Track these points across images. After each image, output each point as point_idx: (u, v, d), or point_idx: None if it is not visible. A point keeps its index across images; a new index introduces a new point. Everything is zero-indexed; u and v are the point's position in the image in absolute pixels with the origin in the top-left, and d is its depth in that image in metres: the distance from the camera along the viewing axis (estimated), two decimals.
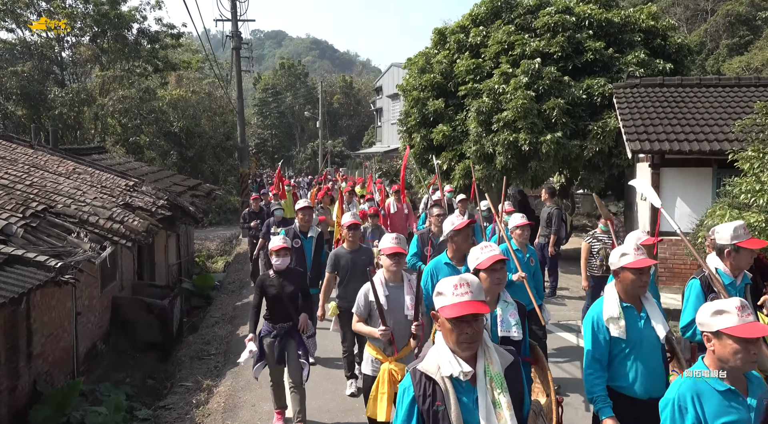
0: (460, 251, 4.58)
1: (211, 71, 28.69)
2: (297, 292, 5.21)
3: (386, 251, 4.16)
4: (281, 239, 5.20)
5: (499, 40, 13.23)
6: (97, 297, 8.06)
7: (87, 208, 7.09)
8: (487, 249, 3.32)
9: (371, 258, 5.97)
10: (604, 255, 7.11)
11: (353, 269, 5.77)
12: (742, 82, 11.42)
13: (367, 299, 4.12)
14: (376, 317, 4.06)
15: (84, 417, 5.50)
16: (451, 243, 4.65)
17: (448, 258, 4.68)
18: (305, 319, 5.20)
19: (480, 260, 3.28)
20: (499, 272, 3.28)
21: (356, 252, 5.89)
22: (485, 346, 2.31)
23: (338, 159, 46.38)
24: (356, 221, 5.85)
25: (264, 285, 5.19)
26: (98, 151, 13.73)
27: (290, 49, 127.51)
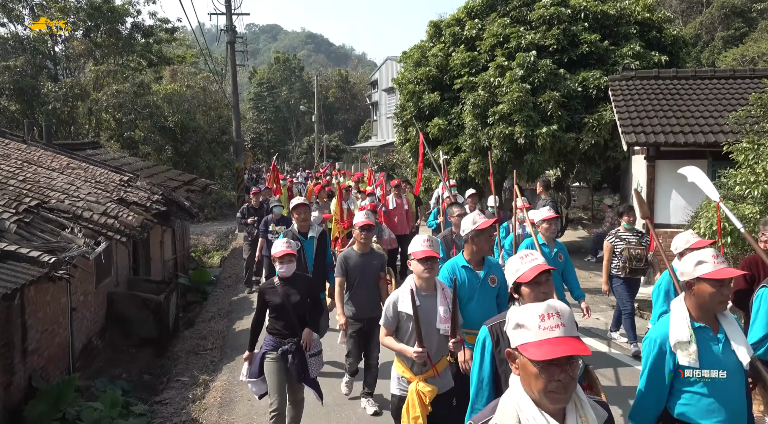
0: (480, 253, 4.14)
1: (205, 66, 28.55)
2: (304, 301, 4.67)
3: (417, 255, 3.63)
4: (285, 243, 4.64)
5: (495, 33, 13.19)
6: (92, 293, 8.04)
7: (81, 204, 7.05)
8: (529, 258, 2.76)
9: (384, 263, 5.49)
10: (628, 256, 6.65)
11: (363, 274, 5.29)
12: (737, 74, 11.43)
13: (396, 309, 3.66)
14: (405, 330, 3.64)
15: (80, 413, 5.49)
16: (470, 244, 4.13)
17: (465, 260, 4.18)
18: (309, 335, 4.65)
19: (521, 271, 2.71)
20: (544, 285, 2.68)
21: (367, 256, 5.38)
22: (577, 398, 1.84)
23: (334, 153, 46.30)
24: (370, 221, 5.30)
25: (267, 294, 4.68)
26: (92, 147, 13.67)
27: (285, 43, 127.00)
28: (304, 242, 6.01)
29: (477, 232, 4.07)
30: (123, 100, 20.29)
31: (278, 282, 4.65)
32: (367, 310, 5.31)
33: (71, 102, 19.49)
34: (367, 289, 5.29)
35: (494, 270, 4.17)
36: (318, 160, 40.59)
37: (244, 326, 8.86)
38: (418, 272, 3.65)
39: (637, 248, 6.69)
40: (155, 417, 6.01)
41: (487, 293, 4.11)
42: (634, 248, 6.69)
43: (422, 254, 3.63)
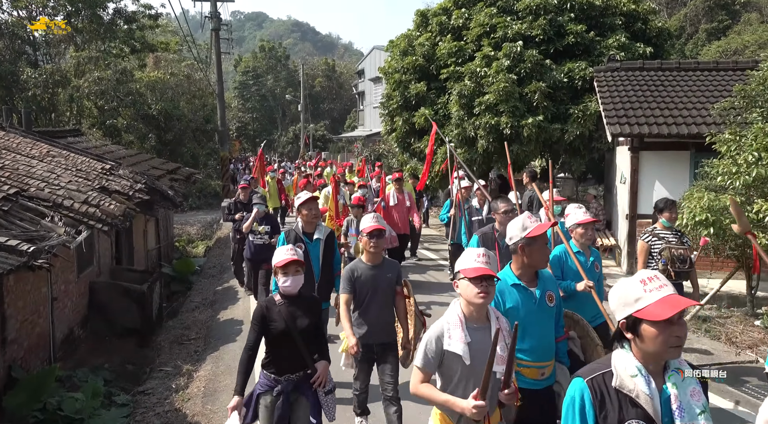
0: (532, 267, 3.32)
1: (189, 53, 28.16)
2: (313, 327, 3.69)
3: (469, 273, 2.77)
4: (289, 250, 3.65)
5: (481, 23, 13.17)
6: (73, 282, 7.93)
7: (61, 192, 6.93)
8: (655, 283, 2.06)
9: (399, 274, 4.48)
10: (668, 257, 5.77)
11: (375, 290, 4.30)
12: (720, 66, 11.53)
13: (440, 347, 2.78)
14: (451, 375, 2.79)
15: (60, 403, 5.43)
16: (521, 255, 3.29)
17: (515, 276, 3.33)
18: (325, 369, 3.69)
19: (648, 302, 1.96)
20: (677, 325, 1.95)
21: (379, 268, 4.35)
22: None
23: (320, 143, 46.10)
24: (380, 225, 4.27)
25: (266, 317, 3.61)
26: (74, 134, 13.43)
27: (271, 31, 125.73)
28: (308, 245, 5.11)
29: (528, 240, 3.25)
30: (105, 87, 19.95)
31: (280, 301, 3.63)
32: (381, 333, 4.34)
33: (51, 89, 19.11)
34: (380, 307, 4.33)
35: (550, 285, 3.39)
36: (303, 149, 40.39)
37: (228, 316, 8.81)
38: (470, 295, 2.77)
39: (679, 247, 5.82)
40: (138, 407, 5.97)
41: (545, 317, 3.32)
42: (675, 247, 5.81)
43: (475, 271, 2.75)
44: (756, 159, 6.52)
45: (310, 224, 5.19)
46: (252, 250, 8.23)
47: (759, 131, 6.66)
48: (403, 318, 4.53)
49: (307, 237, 5.16)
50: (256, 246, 8.16)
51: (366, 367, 4.44)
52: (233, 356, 7.08)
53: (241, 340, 7.61)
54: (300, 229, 5.19)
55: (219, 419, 5.43)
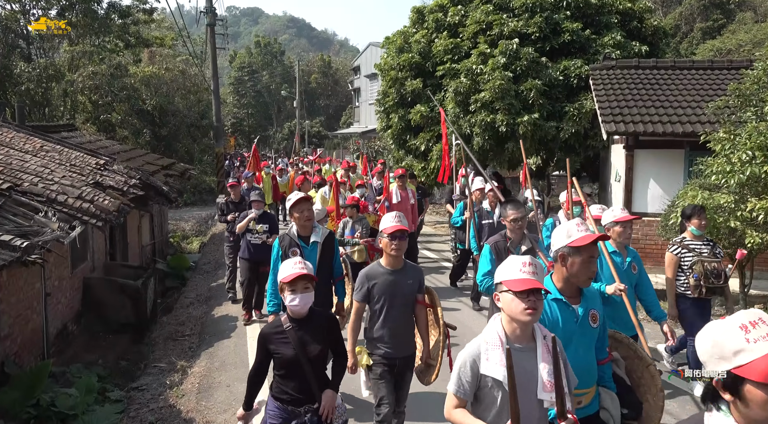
0: (578, 280, 2.84)
1: (184, 48, 28.04)
2: (326, 353, 3.30)
3: (514, 286, 2.42)
4: (297, 263, 3.21)
5: (478, 20, 13.16)
6: (67, 278, 7.90)
7: (55, 187, 6.90)
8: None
9: (421, 281, 3.99)
10: (701, 271, 5.14)
11: (394, 299, 3.84)
12: (714, 64, 11.57)
13: (476, 370, 2.45)
14: (490, 402, 2.45)
15: (54, 399, 5.41)
16: (563, 267, 2.86)
17: (557, 290, 2.89)
18: (332, 401, 3.23)
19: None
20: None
21: (400, 273, 3.88)
22: None
23: (315, 139, 46.00)
24: (403, 226, 3.80)
25: (271, 341, 3.21)
26: (67, 129, 13.35)
27: (266, 26, 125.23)
28: (305, 249, 4.72)
29: (571, 250, 2.81)
30: (99, 82, 19.84)
31: (288, 324, 3.19)
32: (401, 347, 3.92)
33: (45, 83, 18.98)
34: (399, 318, 3.87)
35: (593, 303, 2.97)
36: (299, 146, 40.29)
37: (222, 313, 8.80)
38: (516, 312, 2.40)
39: (713, 260, 5.20)
40: (132, 403, 5.96)
41: (586, 338, 2.92)
42: (708, 260, 5.18)
43: (522, 284, 2.40)
44: (750, 158, 6.54)
45: (305, 227, 4.77)
46: (250, 250, 7.81)
47: (753, 130, 6.68)
48: (423, 330, 4.07)
49: (303, 241, 4.75)
50: (254, 246, 7.75)
51: (390, 387, 3.88)
52: (228, 352, 7.08)
53: (236, 336, 7.60)
54: (295, 233, 4.78)
55: (213, 415, 5.43)
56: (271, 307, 4.68)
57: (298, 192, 5.00)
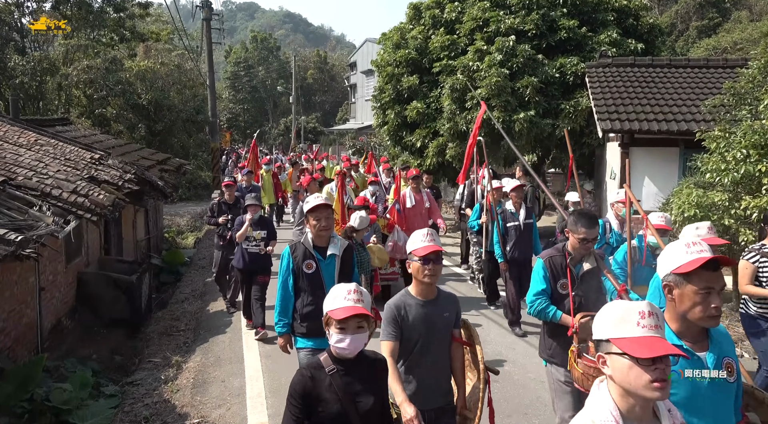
0: (699, 318, 2.11)
1: (180, 42, 27.91)
2: (380, 405, 2.60)
3: (636, 350, 1.70)
4: (352, 293, 2.50)
5: (474, 17, 13.15)
6: (61, 272, 7.87)
7: (50, 181, 6.87)
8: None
9: (458, 313, 3.30)
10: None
11: (429, 335, 3.13)
12: (710, 63, 11.62)
13: None
14: None
15: (48, 394, 5.40)
16: (669, 299, 2.18)
17: (672, 332, 2.18)
18: None
19: None
20: None
21: (434, 304, 3.17)
22: None
23: (311, 135, 45.92)
24: (437, 246, 3.08)
25: (313, 391, 2.45)
26: (62, 123, 13.27)
27: (263, 21, 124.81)
28: (321, 263, 4.09)
29: (677, 278, 2.13)
30: (94, 76, 19.73)
31: (330, 366, 2.49)
32: (436, 395, 3.20)
33: (40, 77, 18.86)
34: (435, 359, 3.18)
35: (727, 348, 2.25)
36: (294, 141, 40.20)
37: (217, 308, 8.79)
38: (638, 385, 1.70)
39: None
40: (126, 398, 5.95)
41: (721, 396, 2.20)
42: None
43: (648, 348, 1.69)
44: (744, 156, 6.57)
45: (322, 237, 4.10)
46: (245, 259, 7.17)
47: (748, 129, 6.71)
48: (459, 374, 3.33)
49: (320, 253, 4.11)
50: (250, 254, 7.14)
51: None
52: (223, 347, 7.09)
53: (231, 331, 7.60)
54: (310, 242, 4.11)
55: (208, 410, 5.43)
56: (281, 327, 4.11)
57: (318, 196, 4.21)
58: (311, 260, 4.08)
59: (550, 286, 3.77)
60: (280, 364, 5.22)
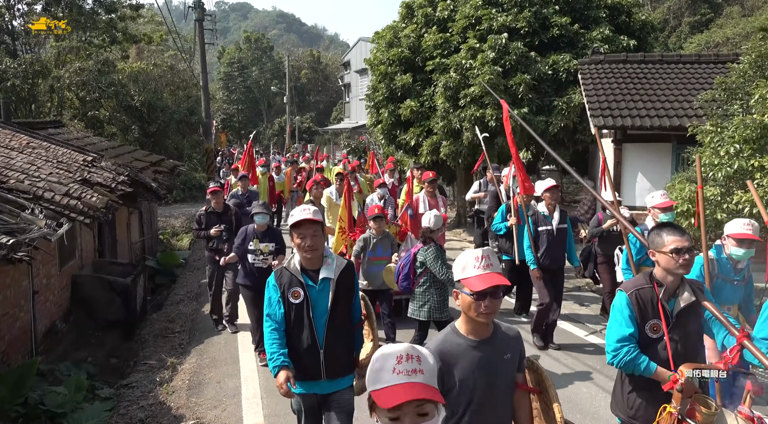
0: None
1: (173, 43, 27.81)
2: None
3: None
4: (405, 360, 1.60)
5: (467, 15, 13.16)
6: (55, 275, 7.84)
7: (42, 184, 6.84)
8: None
9: (522, 353, 2.61)
10: None
11: (489, 388, 2.44)
12: (702, 58, 11.67)
13: None
14: None
15: (43, 397, 5.38)
16: None
17: None
18: None
19: None
20: None
21: (491, 345, 2.48)
22: None
23: (306, 135, 45.86)
24: (500, 279, 2.35)
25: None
26: (54, 126, 13.22)
27: (256, 22, 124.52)
28: (311, 290, 3.33)
29: None
30: (87, 77, 19.65)
31: None
32: None
33: (31, 79, 18.75)
34: (496, 418, 2.50)
35: None
36: (289, 141, 40.13)
37: None
38: None
39: None
40: (122, 401, 5.93)
41: None
42: None
43: None
44: (737, 151, 6.60)
45: (309, 259, 3.32)
46: (254, 275, 6.21)
47: (740, 123, 6.74)
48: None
49: (309, 277, 3.33)
50: (258, 270, 6.21)
51: None
52: (218, 348, 7.07)
53: (226, 333, 7.59)
54: (296, 266, 3.34)
55: (203, 411, 5.42)
56: (278, 361, 3.21)
57: (307, 207, 3.33)
58: (298, 287, 3.30)
59: (636, 327, 2.97)
60: None
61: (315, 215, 3.25)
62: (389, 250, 6.40)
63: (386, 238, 6.44)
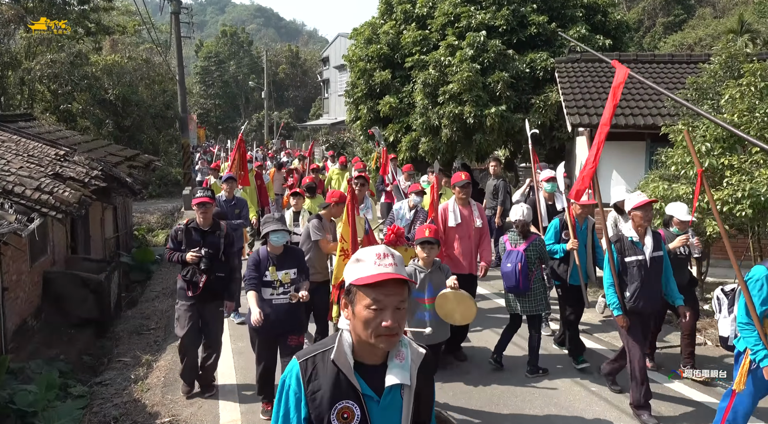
0: None
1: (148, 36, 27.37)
2: None
3: None
4: None
5: (446, 12, 13.20)
6: (26, 272, 7.67)
7: (12, 178, 6.69)
8: None
9: None
10: None
11: None
12: (675, 59, 11.88)
13: None
14: None
15: (12, 396, 5.27)
16: None
17: None
18: None
19: None
20: None
21: None
22: None
23: (284, 131, 45.57)
24: None
25: None
26: (25, 119, 12.91)
27: (233, 16, 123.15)
28: (371, 406, 1.84)
29: None
30: (58, 70, 19.25)
31: None
32: None
33: (1, 71, 18.32)
34: None
35: None
36: (267, 137, 39.82)
37: None
38: None
39: None
40: (95, 399, 5.84)
41: None
42: None
43: None
44: (708, 150, 6.74)
45: (376, 352, 1.86)
46: (271, 315, 4.64)
47: (710, 123, 6.88)
48: None
49: (368, 381, 1.85)
50: (276, 308, 4.68)
51: None
52: None
53: None
54: (348, 357, 1.85)
55: (179, 408, 5.36)
56: None
57: (383, 251, 1.84)
58: (349, 400, 1.81)
59: None
60: (253, 361, 5.18)
61: (401, 269, 1.83)
62: (443, 288, 4.70)
63: (438, 270, 4.83)
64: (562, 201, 6.63)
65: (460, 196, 5.96)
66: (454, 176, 6.14)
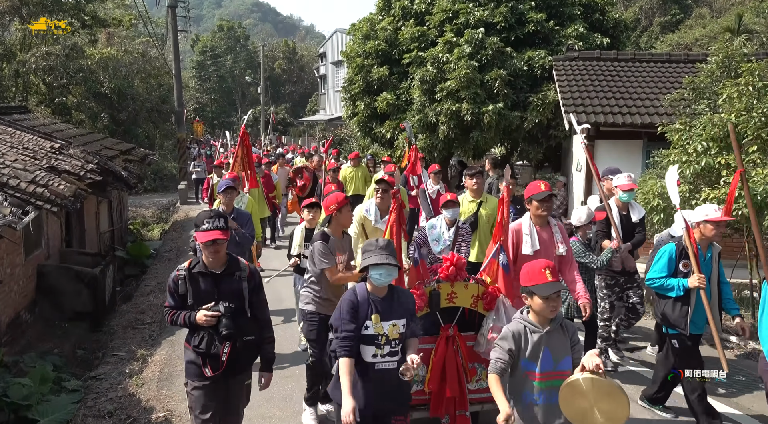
0: None
1: (144, 29, 27.21)
2: None
3: None
4: None
5: (444, 8, 13.19)
6: (20, 265, 7.63)
7: (6, 171, 6.64)
8: None
9: None
10: None
11: None
12: (672, 58, 11.91)
13: None
14: None
15: (6, 389, 5.24)
16: None
17: None
18: None
19: None
20: None
21: None
22: None
23: (281, 126, 45.44)
24: None
25: None
26: (20, 111, 12.81)
27: (230, 10, 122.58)
28: None
29: None
30: (54, 63, 19.09)
31: None
32: None
33: None
34: None
35: None
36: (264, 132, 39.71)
37: None
38: None
39: None
40: (89, 393, 5.81)
41: None
42: None
43: None
44: (705, 149, 6.76)
45: None
46: (373, 390, 3.16)
47: (707, 122, 6.89)
48: None
49: None
50: (379, 376, 3.18)
51: None
52: None
53: None
54: None
55: (174, 403, 5.35)
56: None
57: None
58: None
59: None
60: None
61: None
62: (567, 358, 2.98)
63: (559, 330, 2.95)
64: (639, 211, 5.68)
65: (539, 214, 4.36)
66: (530, 186, 4.44)
